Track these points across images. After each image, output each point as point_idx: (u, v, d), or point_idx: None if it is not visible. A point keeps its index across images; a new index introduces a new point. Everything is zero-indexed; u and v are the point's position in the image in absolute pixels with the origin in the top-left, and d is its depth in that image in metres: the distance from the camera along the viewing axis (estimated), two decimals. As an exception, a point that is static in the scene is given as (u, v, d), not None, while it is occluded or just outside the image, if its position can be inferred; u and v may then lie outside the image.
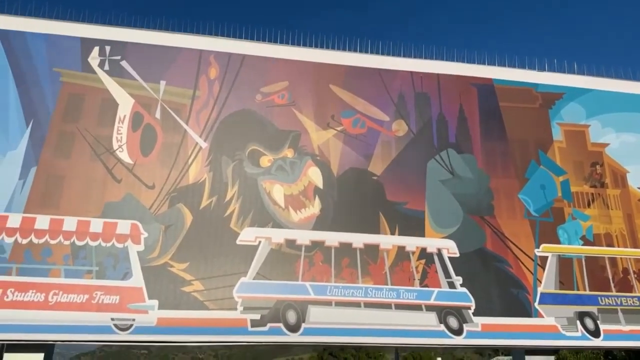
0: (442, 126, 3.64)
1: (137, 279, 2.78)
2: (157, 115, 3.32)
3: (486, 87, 3.80)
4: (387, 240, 3.25)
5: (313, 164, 3.38)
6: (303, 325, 2.87)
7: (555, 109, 3.84)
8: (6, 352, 2.55)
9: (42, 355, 2.57)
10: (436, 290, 3.16)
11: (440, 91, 3.72)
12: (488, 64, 3.86)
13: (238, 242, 3.03)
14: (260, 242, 3.05)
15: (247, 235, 3.06)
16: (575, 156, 3.75)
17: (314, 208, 3.25)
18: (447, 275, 3.23)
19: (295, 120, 3.46)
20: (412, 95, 3.69)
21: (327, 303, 2.98)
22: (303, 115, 3.49)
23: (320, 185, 3.32)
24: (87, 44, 3.51)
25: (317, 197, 3.29)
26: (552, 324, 3.17)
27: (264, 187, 3.24)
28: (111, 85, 3.36)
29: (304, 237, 3.13)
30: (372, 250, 3.20)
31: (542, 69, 3.91)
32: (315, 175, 3.34)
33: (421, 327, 3.02)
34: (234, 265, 2.96)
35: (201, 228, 3.04)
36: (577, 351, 17.62)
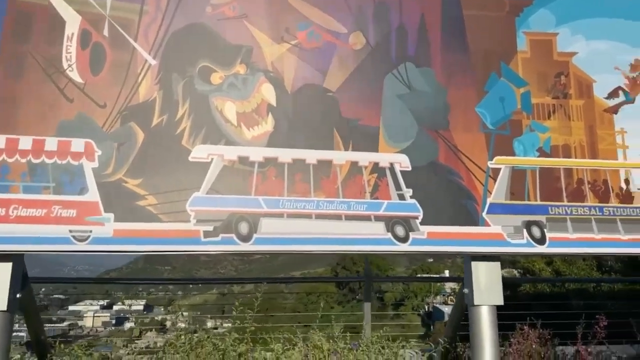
0: (402, 38, 3.67)
1: (92, 194, 3.04)
2: (105, 32, 3.39)
3: (450, -6, 3.77)
4: (341, 156, 3.44)
5: (266, 80, 3.48)
6: (255, 236, 3.17)
7: (523, 16, 3.82)
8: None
9: (10, 264, 2.92)
10: (386, 202, 3.41)
11: (402, 0, 3.71)
12: (456, -32, 3.79)
13: (190, 159, 3.24)
14: (212, 159, 3.26)
15: (199, 152, 3.26)
16: (539, 67, 3.80)
17: (267, 125, 3.41)
18: (398, 187, 3.46)
19: (247, 33, 3.51)
20: (371, 5, 3.67)
21: (279, 215, 3.26)
22: (255, 28, 3.53)
23: (274, 103, 3.46)
24: (31, -44, 3.50)
25: (270, 115, 3.44)
26: (498, 232, 3.43)
27: (215, 104, 3.39)
28: (56, 1, 3.41)
29: (257, 153, 3.33)
30: (325, 166, 3.40)
31: (512, -28, 3.84)
32: (268, 92, 3.47)
33: (369, 235, 3.31)
34: (187, 181, 3.20)
35: (153, 146, 3.24)
36: (570, 262, 18.50)
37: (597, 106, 3.81)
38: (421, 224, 3.39)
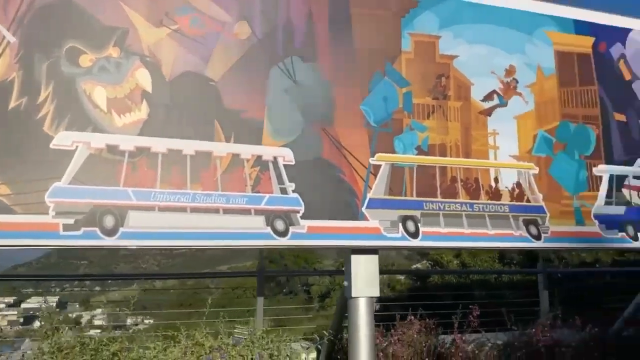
0: (289, 31, 3.65)
1: None
2: (-46, 2, 3.04)
3: (338, -10, 3.81)
4: (221, 148, 3.36)
5: (142, 65, 3.31)
6: (121, 229, 3.01)
7: (409, 17, 3.96)
8: None
9: None
10: (267, 195, 3.40)
11: (290, -9, 3.69)
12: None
13: (52, 146, 3.00)
14: (77, 146, 3.05)
15: (63, 139, 3.03)
16: (422, 68, 3.96)
17: (141, 112, 3.25)
18: (281, 181, 3.46)
19: (123, 15, 3.30)
20: (258, -5, 3.62)
21: (150, 208, 3.12)
22: (132, 10, 3.33)
23: (149, 89, 3.29)
24: None
25: (145, 101, 3.27)
26: (375, 226, 3.55)
27: (83, 88, 3.16)
28: None
29: (128, 142, 3.16)
30: (204, 158, 3.31)
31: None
32: (143, 78, 3.30)
33: (248, 229, 3.28)
34: (47, 170, 2.96)
35: (9, 130, 2.96)
36: (474, 255, 19.85)
37: (474, 108, 4.05)
38: (302, 218, 3.42)
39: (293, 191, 3.45)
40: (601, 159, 4.28)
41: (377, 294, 3.61)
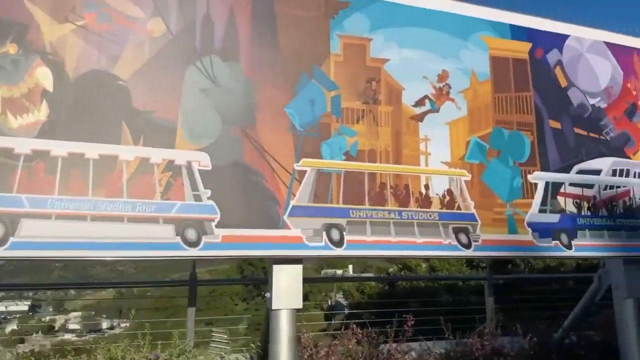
0: (208, 29, 3.50)
1: None
2: None
3: (263, -12, 3.67)
4: (128, 151, 3.17)
5: (42, 63, 3.09)
6: (11, 239, 2.79)
7: (338, 19, 3.85)
8: None
9: None
10: (179, 203, 3.22)
11: (210, -12, 3.53)
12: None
13: None
14: (-36, 149, 2.82)
15: (-53, 141, 2.80)
16: (352, 71, 3.85)
17: (40, 113, 3.03)
18: (195, 188, 3.28)
19: (22, 9, 3.09)
20: (175, -9, 3.45)
21: (46, 216, 2.91)
22: (34, 4, 3.12)
23: (50, 88, 3.08)
24: None
25: (45, 102, 3.06)
26: (297, 235, 3.41)
27: (-27, 87, 2.93)
28: None
29: (24, 145, 2.94)
30: (109, 162, 3.11)
31: (332, -27, 3.85)
32: (43, 77, 3.08)
33: (155, 239, 3.09)
34: None
35: None
36: (443, 259, 20.12)
37: (405, 113, 3.96)
38: (218, 226, 3.25)
39: (208, 198, 3.28)
40: (536, 166, 4.25)
41: (299, 305, 3.46)
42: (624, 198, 4.49)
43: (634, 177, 4.58)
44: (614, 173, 4.51)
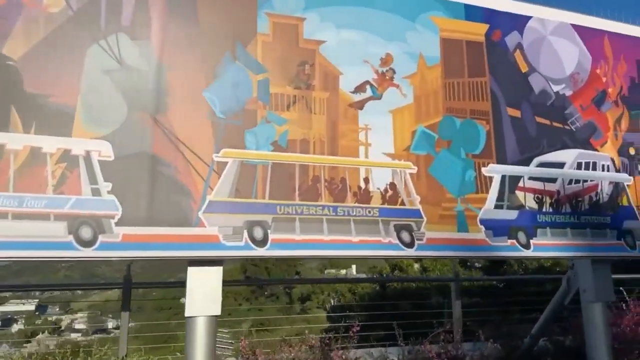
0: (115, 4, 3.16)
1: None
2: None
3: (181, -39, 3.33)
4: (17, 140, 2.84)
5: None
6: None
7: (267, -5, 3.52)
8: None
9: None
10: (74, 197, 2.89)
11: (118, -40, 3.20)
12: None
13: None
14: None
15: None
16: (282, 53, 3.52)
17: None
18: (93, 180, 2.95)
19: None
20: (78, -38, 3.12)
21: None
22: None
23: None
24: None
25: None
26: (213, 233, 3.07)
27: None
28: None
29: None
30: (-7, 151, 2.77)
31: (260, -54, 3.52)
32: None
33: (43, 238, 2.76)
34: None
35: None
36: (435, 259, 19.87)
37: (342, 100, 3.62)
38: (119, 224, 2.91)
39: (109, 192, 2.94)
40: (492, 158, 3.90)
41: (217, 312, 3.12)
42: (590, 193, 4.15)
43: (602, 170, 4.24)
44: (579, 166, 4.17)
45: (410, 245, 3.48)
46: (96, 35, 3.09)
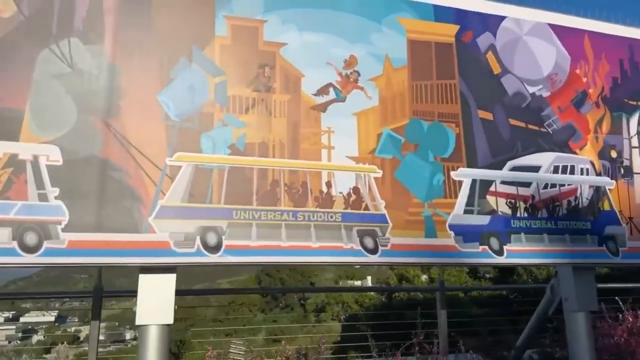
0: (68, 9, 3.15)
1: None
2: None
3: (136, -35, 3.32)
4: (-39, 144, 2.81)
5: None
6: None
7: (225, -2, 3.49)
8: None
9: None
10: (20, 203, 2.85)
11: (72, -36, 3.20)
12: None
13: None
14: None
15: None
16: (241, 56, 3.47)
17: None
18: (41, 186, 2.91)
19: None
20: (29, -33, 3.12)
21: None
22: None
23: None
24: None
25: None
26: (164, 240, 3.00)
27: None
28: None
29: None
30: (-64, 156, 2.75)
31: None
32: None
33: (-13, 244, 2.71)
34: None
35: None
36: (443, 269, 19.68)
37: (304, 103, 3.55)
38: (65, 230, 2.86)
39: (56, 197, 2.90)
40: (462, 162, 3.79)
41: (170, 320, 3.04)
42: (568, 197, 4.00)
43: (580, 174, 4.10)
44: (555, 170, 4.03)
45: (373, 251, 3.37)
46: (47, 40, 3.07)
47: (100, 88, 3.12)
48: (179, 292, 3.13)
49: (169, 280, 3.08)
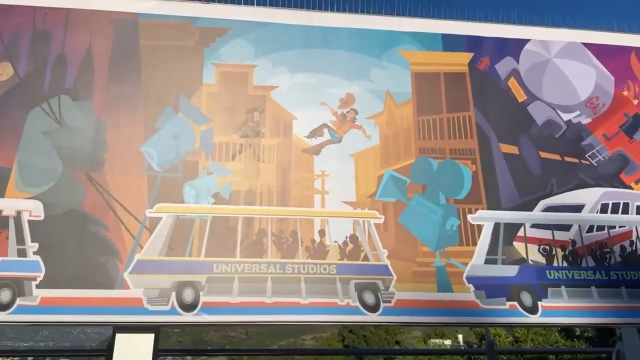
0: (60, 69, 3.28)
1: None
2: None
3: (127, 23, 3.41)
4: (-50, 202, 2.93)
5: None
6: None
7: (215, 46, 3.46)
8: None
9: None
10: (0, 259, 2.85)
11: (67, 28, 3.36)
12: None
13: None
14: None
15: None
16: (229, 102, 3.38)
17: None
18: (21, 241, 2.91)
19: None
20: (29, 34, 3.33)
21: None
22: None
23: None
24: None
25: None
26: (137, 296, 2.85)
27: None
28: None
29: None
30: None
31: (200, -1, 3.55)
32: None
33: (-42, 302, 2.72)
34: None
35: None
36: (528, 328, 17.67)
37: (296, 146, 3.35)
38: (39, 286, 2.81)
39: (34, 252, 2.89)
40: (481, 203, 3.31)
41: (145, 385, 2.82)
42: (621, 242, 3.33)
43: (637, 213, 3.41)
44: (603, 208, 3.40)
45: (374, 308, 2.96)
46: (39, 99, 3.21)
47: (86, 142, 3.16)
48: (242, 351, 2.92)
49: (146, 341, 2.89)
